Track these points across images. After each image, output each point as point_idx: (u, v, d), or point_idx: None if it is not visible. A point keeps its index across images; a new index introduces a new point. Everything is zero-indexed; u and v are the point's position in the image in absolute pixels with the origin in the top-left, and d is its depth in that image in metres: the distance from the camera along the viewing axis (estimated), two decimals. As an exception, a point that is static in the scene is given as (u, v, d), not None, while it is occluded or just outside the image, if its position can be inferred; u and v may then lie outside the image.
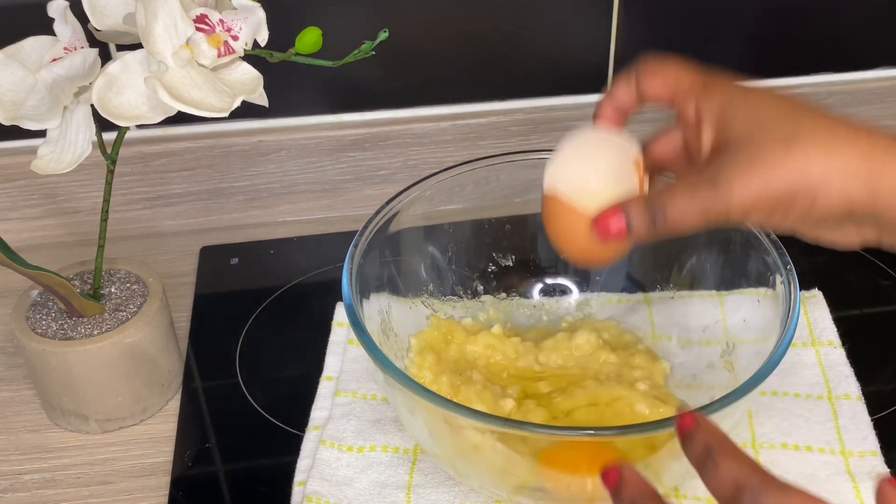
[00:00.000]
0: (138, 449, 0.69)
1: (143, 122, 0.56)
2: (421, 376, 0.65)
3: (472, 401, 0.63)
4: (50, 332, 0.67)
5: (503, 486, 0.59)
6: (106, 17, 0.59)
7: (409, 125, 0.87)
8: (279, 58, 0.59)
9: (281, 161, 0.87)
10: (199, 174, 0.87)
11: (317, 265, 0.83)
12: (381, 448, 0.66)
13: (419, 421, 0.58)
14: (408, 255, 0.70)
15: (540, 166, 0.58)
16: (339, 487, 0.63)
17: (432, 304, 0.71)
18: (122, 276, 0.71)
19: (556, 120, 0.88)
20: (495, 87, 0.88)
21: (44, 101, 0.58)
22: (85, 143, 0.60)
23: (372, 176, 0.89)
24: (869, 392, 0.69)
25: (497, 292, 0.74)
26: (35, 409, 0.72)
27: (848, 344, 0.72)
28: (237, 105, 0.56)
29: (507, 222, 0.73)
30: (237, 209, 0.89)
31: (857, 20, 0.88)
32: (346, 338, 0.74)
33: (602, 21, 0.85)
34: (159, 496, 0.65)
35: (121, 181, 0.85)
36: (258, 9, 0.57)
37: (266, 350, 0.76)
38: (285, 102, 0.84)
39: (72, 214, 0.87)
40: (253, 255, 0.86)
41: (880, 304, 0.79)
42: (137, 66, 0.57)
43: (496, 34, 0.85)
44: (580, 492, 0.58)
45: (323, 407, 0.69)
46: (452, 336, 0.69)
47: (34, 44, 0.59)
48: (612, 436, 0.54)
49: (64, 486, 0.66)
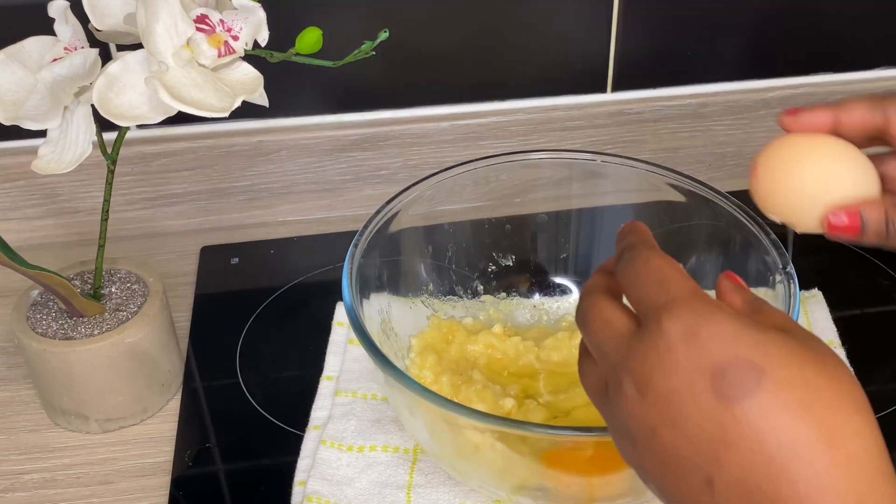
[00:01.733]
0: (138, 449, 0.69)
1: (144, 122, 0.56)
2: (422, 376, 0.65)
3: (473, 401, 0.63)
4: (50, 331, 0.67)
5: (503, 485, 0.59)
6: (106, 17, 0.59)
7: (409, 125, 0.87)
8: (279, 58, 0.59)
9: (281, 161, 0.87)
10: (199, 174, 0.87)
11: (317, 265, 0.83)
12: (381, 448, 0.66)
13: (419, 421, 0.58)
14: (408, 255, 0.70)
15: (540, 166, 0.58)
16: (339, 487, 0.63)
17: (432, 304, 0.71)
18: (123, 275, 0.71)
19: (556, 120, 0.88)
20: (495, 87, 0.88)
21: (44, 101, 0.58)
22: (85, 143, 0.60)
23: (372, 176, 0.89)
24: (869, 392, 0.68)
25: (497, 292, 0.74)
26: (35, 408, 0.72)
27: (848, 344, 0.72)
28: (237, 105, 0.56)
29: (507, 222, 0.73)
30: (237, 209, 0.89)
31: (857, 20, 0.88)
32: (346, 338, 0.74)
33: (602, 21, 0.85)
34: (159, 496, 0.66)
35: (121, 181, 0.85)
36: (258, 9, 0.57)
37: (266, 350, 0.76)
38: (285, 102, 0.84)
39: (72, 214, 0.87)
40: (253, 255, 0.86)
41: (880, 304, 0.79)
42: (138, 66, 0.57)
43: (496, 34, 0.85)
44: (581, 491, 0.58)
45: (323, 407, 0.69)
46: (453, 336, 0.69)
47: (35, 44, 0.60)
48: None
49: (64, 486, 0.66)
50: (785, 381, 0.39)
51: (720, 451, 0.39)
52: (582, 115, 0.89)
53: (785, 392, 0.39)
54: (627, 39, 0.86)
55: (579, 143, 0.90)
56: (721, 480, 0.39)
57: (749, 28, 0.88)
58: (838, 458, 0.38)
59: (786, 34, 0.89)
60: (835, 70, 0.91)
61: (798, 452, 0.38)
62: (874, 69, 0.91)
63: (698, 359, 0.40)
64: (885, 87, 0.91)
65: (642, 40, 0.87)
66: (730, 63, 0.89)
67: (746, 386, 0.39)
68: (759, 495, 0.38)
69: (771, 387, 0.39)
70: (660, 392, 0.40)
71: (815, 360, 0.41)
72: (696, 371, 0.40)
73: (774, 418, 0.38)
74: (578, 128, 0.89)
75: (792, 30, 0.88)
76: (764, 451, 0.38)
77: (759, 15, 0.87)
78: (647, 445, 0.41)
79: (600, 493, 0.58)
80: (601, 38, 0.86)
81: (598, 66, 0.87)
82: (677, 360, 0.40)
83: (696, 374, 0.40)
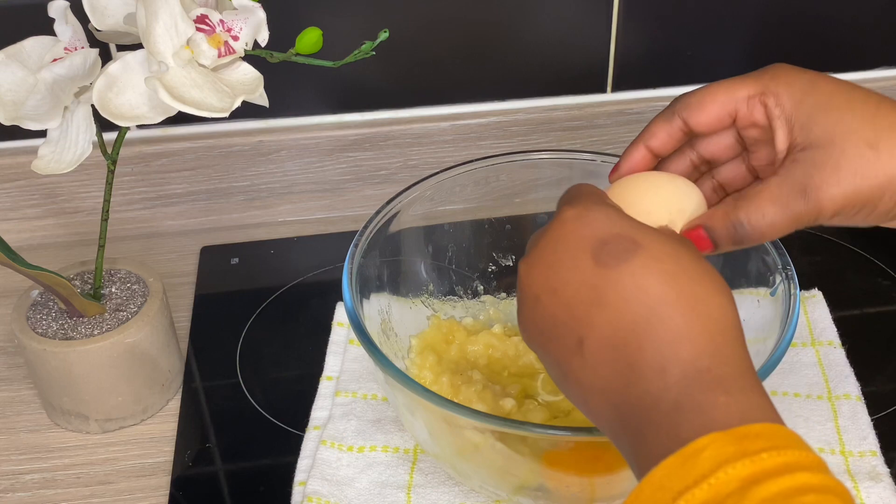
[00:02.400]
0: (138, 449, 0.69)
1: (144, 123, 0.56)
2: (422, 377, 0.65)
3: (473, 401, 0.63)
4: (50, 331, 0.67)
5: (503, 486, 0.59)
6: (106, 17, 0.59)
7: (409, 125, 0.87)
8: (279, 58, 0.59)
9: (281, 161, 0.87)
10: (199, 174, 0.87)
11: (317, 265, 0.83)
12: (381, 448, 0.66)
13: (419, 421, 0.58)
14: (408, 255, 0.70)
15: (540, 166, 0.58)
16: (339, 487, 0.63)
17: (432, 304, 0.71)
18: (123, 276, 0.71)
19: (556, 120, 0.88)
20: (495, 87, 0.88)
21: (44, 101, 0.58)
22: (85, 143, 0.60)
23: (372, 176, 0.89)
24: (869, 392, 0.69)
25: (497, 292, 0.74)
26: (35, 409, 0.72)
27: (848, 344, 0.72)
28: (237, 105, 0.56)
29: (507, 222, 0.73)
30: (237, 209, 0.89)
31: (857, 20, 0.88)
32: (347, 338, 0.74)
33: (602, 21, 0.85)
34: (159, 496, 0.66)
35: (121, 181, 0.85)
36: (258, 9, 0.57)
37: (266, 350, 0.76)
38: (285, 102, 0.85)
39: (72, 214, 0.87)
40: (253, 255, 0.86)
41: (880, 304, 0.79)
42: (138, 67, 0.57)
43: (496, 34, 0.85)
44: (581, 492, 0.58)
45: (323, 407, 0.69)
46: (453, 336, 0.69)
47: (35, 44, 0.60)
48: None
49: (64, 486, 0.66)
50: (658, 253, 0.44)
51: (592, 312, 0.44)
52: (582, 115, 0.89)
53: (656, 263, 0.44)
54: (627, 39, 0.86)
55: (579, 143, 0.90)
56: (591, 339, 0.44)
57: (749, 28, 0.88)
58: (698, 316, 0.43)
59: (786, 34, 0.89)
60: (835, 70, 0.90)
61: (661, 310, 0.42)
62: (874, 69, 0.91)
63: (584, 233, 0.45)
64: (885, 87, 0.91)
65: (642, 40, 0.87)
66: (730, 63, 0.89)
67: (623, 256, 0.44)
68: (624, 349, 0.43)
69: (644, 256, 0.44)
70: (547, 262, 0.46)
71: (691, 250, 0.46)
72: (580, 242, 0.45)
73: (644, 281, 0.43)
74: (578, 128, 0.89)
75: (792, 30, 0.88)
76: (631, 308, 0.43)
77: (759, 15, 0.87)
78: (532, 312, 0.47)
79: (600, 493, 0.58)
80: (601, 38, 0.86)
81: (598, 66, 0.88)
82: (566, 234, 0.46)
83: (580, 245, 0.45)
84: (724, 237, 0.50)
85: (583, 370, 0.44)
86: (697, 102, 0.53)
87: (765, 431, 0.39)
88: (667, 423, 0.40)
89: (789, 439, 0.39)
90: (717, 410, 0.40)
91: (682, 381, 0.41)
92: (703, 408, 0.40)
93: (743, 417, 0.40)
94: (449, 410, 0.54)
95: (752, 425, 0.39)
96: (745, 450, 0.38)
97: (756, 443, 0.38)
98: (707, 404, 0.40)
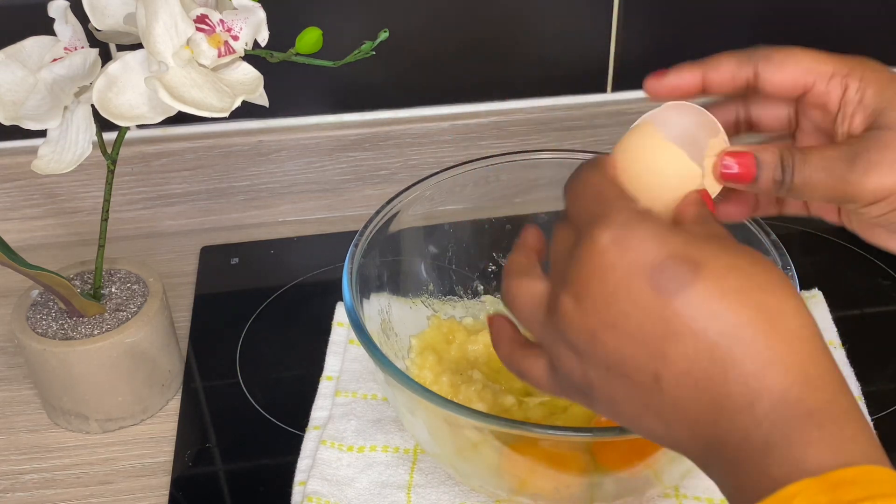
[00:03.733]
0: (138, 449, 0.69)
1: (144, 122, 0.56)
2: (422, 376, 0.65)
3: (473, 400, 0.63)
4: (50, 331, 0.67)
5: (503, 485, 0.59)
6: (106, 17, 0.59)
7: (409, 125, 0.87)
8: (279, 58, 0.59)
9: (281, 161, 0.87)
10: (199, 174, 0.87)
11: (317, 265, 0.83)
12: (381, 448, 0.66)
13: (419, 421, 0.58)
14: (408, 255, 0.70)
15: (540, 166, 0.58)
16: (339, 487, 0.63)
17: (432, 304, 0.71)
18: (123, 276, 0.71)
19: (556, 120, 0.88)
20: (495, 87, 0.88)
21: (44, 101, 0.58)
22: (85, 142, 0.60)
23: (372, 176, 0.89)
24: (869, 392, 0.69)
25: (497, 292, 0.74)
26: (35, 408, 0.72)
27: (848, 344, 0.72)
28: (237, 105, 0.56)
29: (507, 222, 0.73)
30: (237, 209, 0.89)
31: (857, 20, 0.88)
32: (347, 338, 0.74)
33: (602, 21, 0.85)
34: (159, 496, 0.66)
35: (121, 181, 0.85)
36: (258, 9, 0.57)
37: (266, 350, 0.76)
38: (285, 102, 0.84)
39: (72, 214, 0.87)
40: (253, 255, 0.86)
41: (880, 304, 0.79)
42: (138, 66, 0.57)
43: (496, 34, 0.85)
44: (581, 492, 0.58)
45: (323, 407, 0.69)
46: (454, 336, 0.69)
47: (34, 44, 0.60)
48: (612, 436, 0.54)
49: (64, 486, 0.66)
50: (720, 270, 0.40)
51: (664, 345, 0.40)
52: (582, 115, 0.89)
53: (722, 280, 0.40)
54: (627, 39, 0.86)
55: (579, 143, 0.90)
56: (668, 374, 0.40)
57: (749, 28, 0.88)
58: (779, 335, 0.39)
59: (786, 34, 0.88)
60: (835, 70, 0.91)
61: (740, 335, 0.39)
62: (874, 69, 0.91)
63: (633, 259, 0.41)
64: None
65: (642, 40, 0.87)
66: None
67: (684, 278, 0.40)
68: (707, 382, 0.39)
69: (708, 276, 0.40)
70: (597, 296, 0.41)
71: (747, 253, 0.42)
72: (632, 271, 0.40)
73: (715, 305, 0.39)
74: (578, 128, 0.89)
75: (792, 30, 0.88)
76: (708, 337, 0.39)
77: (759, 15, 0.87)
78: (590, 352, 0.42)
79: (600, 493, 0.58)
80: (601, 38, 0.86)
81: (598, 66, 0.87)
82: (612, 263, 0.41)
83: (633, 274, 0.40)
84: (769, 174, 0.48)
85: (662, 406, 0.41)
86: (780, 60, 0.50)
87: (860, 477, 0.36)
88: (758, 459, 0.38)
89: (885, 485, 0.36)
90: (809, 449, 0.37)
91: (771, 413, 0.38)
92: (795, 445, 0.37)
93: (836, 456, 0.37)
94: (449, 410, 0.54)
95: (846, 469, 0.36)
96: (837, 500, 0.35)
97: (850, 491, 0.35)
98: (798, 442, 0.37)
